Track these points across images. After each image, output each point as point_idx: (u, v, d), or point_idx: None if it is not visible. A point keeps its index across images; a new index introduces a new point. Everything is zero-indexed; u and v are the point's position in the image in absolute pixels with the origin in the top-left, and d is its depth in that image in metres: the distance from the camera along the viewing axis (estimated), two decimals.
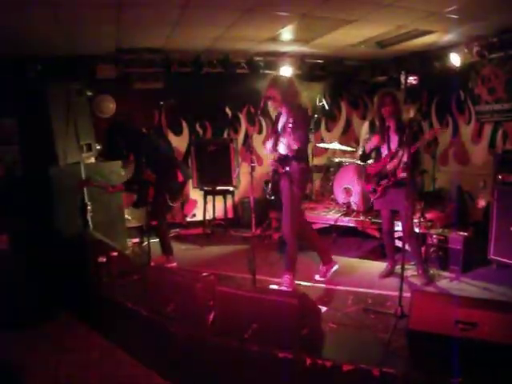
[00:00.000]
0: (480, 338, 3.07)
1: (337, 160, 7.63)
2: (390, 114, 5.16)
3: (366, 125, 7.46)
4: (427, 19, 5.52)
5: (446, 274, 5.45)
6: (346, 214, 6.80)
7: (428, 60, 7.32)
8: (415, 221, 5.74)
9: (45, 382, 4.00)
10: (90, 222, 6.12)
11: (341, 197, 6.98)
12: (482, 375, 2.99)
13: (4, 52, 6.16)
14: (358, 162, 7.08)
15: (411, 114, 6.47)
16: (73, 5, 4.71)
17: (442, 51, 7.07)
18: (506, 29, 6.01)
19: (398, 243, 6.05)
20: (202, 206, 8.23)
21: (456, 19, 5.54)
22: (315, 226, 7.05)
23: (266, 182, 5.49)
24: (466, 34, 6.32)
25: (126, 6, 4.87)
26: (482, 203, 6.64)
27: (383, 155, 5.32)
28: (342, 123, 9.38)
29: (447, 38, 6.48)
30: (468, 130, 7.38)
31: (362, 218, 6.62)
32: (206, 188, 8.09)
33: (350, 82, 8.91)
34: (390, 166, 5.18)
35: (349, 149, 7.61)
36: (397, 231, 6.16)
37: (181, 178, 6.03)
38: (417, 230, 5.69)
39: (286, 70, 7.91)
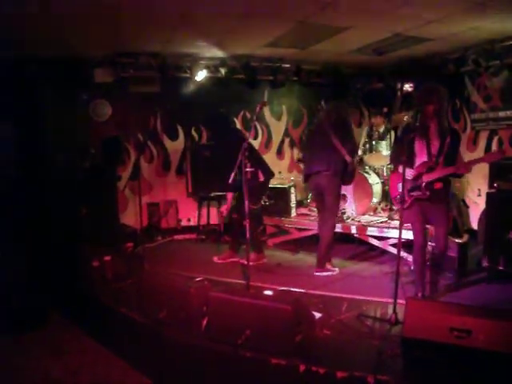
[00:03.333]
0: (474, 346, 3.06)
1: None
2: (434, 113, 4.39)
3: (365, 131, 7.56)
4: (424, 27, 5.55)
5: (440, 281, 5.43)
6: (340, 221, 6.77)
7: (424, 68, 7.35)
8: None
9: None
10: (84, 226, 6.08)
11: None
12: (475, 383, 2.98)
13: (1, 54, 6.14)
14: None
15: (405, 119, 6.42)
16: (72, 8, 4.71)
17: (438, 59, 7.11)
18: (501, 37, 6.04)
19: (393, 250, 6.05)
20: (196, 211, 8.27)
21: (453, 27, 5.58)
22: (310, 233, 7.04)
23: None
24: (460, 43, 6.35)
25: (124, 10, 4.87)
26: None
27: (418, 160, 4.51)
28: None
29: (444, 45, 6.51)
30: (463, 138, 7.41)
31: (356, 224, 6.61)
32: (200, 193, 8.08)
33: (346, 89, 8.92)
34: (426, 178, 4.40)
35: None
36: (391, 237, 6.17)
37: (262, 177, 6.09)
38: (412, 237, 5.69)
39: (282, 76, 7.94)
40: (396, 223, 6.10)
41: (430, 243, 5.67)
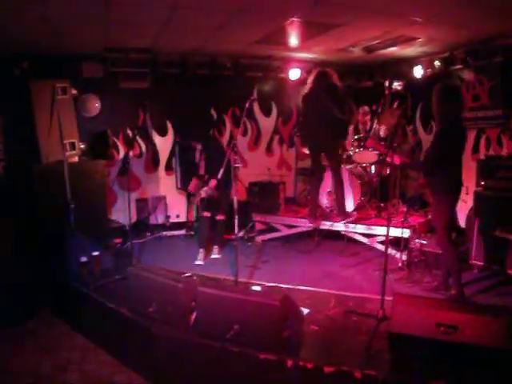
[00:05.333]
0: (461, 341, 3.09)
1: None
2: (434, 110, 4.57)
3: (351, 129, 7.49)
4: (413, 26, 5.57)
5: (428, 277, 5.47)
6: (328, 218, 6.79)
7: (413, 66, 7.38)
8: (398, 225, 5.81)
9: (26, 381, 3.95)
10: (72, 222, 6.04)
11: (324, 200, 6.99)
12: (462, 378, 3.01)
13: None
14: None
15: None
16: (61, 3, 4.68)
17: (427, 57, 7.15)
18: (490, 37, 6.08)
19: (381, 247, 6.09)
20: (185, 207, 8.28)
21: (441, 26, 5.61)
22: (298, 230, 7.06)
23: None
24: (450, 42, 6.39)
25: (113, 5, 4.83)
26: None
27: None
28: None
29: (432, 44, 6.55)
30: None
31: (344, 221, 6.62)
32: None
33: None
34: None
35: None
36: (379, 235, 6.20)
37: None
38: (400, 234, 5.73)
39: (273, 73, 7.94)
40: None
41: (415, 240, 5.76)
